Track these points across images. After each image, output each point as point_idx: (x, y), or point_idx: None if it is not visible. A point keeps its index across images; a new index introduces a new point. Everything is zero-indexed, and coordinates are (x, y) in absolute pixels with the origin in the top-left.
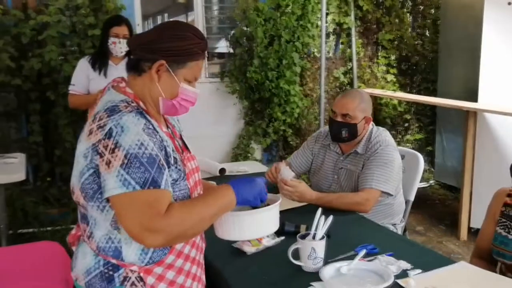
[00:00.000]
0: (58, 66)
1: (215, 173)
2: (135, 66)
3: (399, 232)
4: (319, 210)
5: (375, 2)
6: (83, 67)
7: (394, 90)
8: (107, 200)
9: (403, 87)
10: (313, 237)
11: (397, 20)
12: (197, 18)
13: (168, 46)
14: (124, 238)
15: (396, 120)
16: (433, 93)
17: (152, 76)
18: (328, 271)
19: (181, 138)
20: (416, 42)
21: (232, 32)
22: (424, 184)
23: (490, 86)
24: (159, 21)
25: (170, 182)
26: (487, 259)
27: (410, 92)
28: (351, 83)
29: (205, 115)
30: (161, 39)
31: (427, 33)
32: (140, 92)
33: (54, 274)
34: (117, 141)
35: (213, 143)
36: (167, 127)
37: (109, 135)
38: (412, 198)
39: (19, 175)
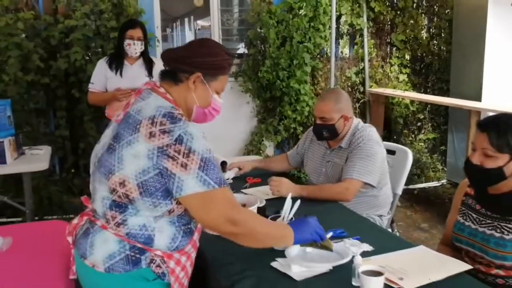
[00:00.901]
0: (83, 66)
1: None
2: (173, 76)
3: (385, 223)
4: (289, 196)
5: (388, 4)
6: (101, 67)
7: (406, 90)
8: (170, 197)
9: (416, 87)
10: (283, 219)
11: (411, 21)
12: (213, 21)
13: (204, 60)
14: (158, 227)
15: (409, 119)
16: (447, 93)
17: (189, 86)
18: (293, 249)
19: None
20: (430, 43)
21: (247, 34)
22: (435, 184)
23: (493, 86)
24: (186, 24)
25: None
26: (452, 246)
27: (425, 92)
28: (363, 83)
29: (221, 114)
30: (198, 54)
31: (442, 34)
32: (178, 100)
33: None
34: (190, 147)
35: (228, 140)
36: None
37: (179, 141)
38: (399, 191)
39: (43, 165)
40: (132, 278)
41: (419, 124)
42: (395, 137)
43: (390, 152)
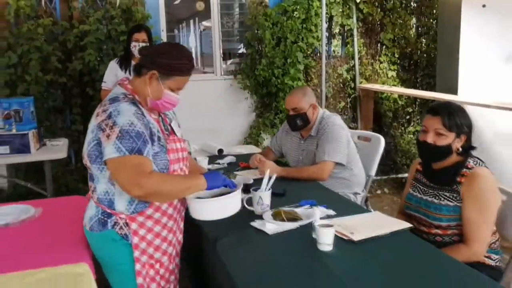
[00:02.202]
0: (96, 67)
1: (214, 153)
2: (138, 70)
3: (359, 200)
4: (267, 172)
5: (376, 5)
6: (112, 67)
7: (394, 85)
8: (105, 162)
9: (405, 83)
10: (263, 191)
11: (399, 21)
12: (214, 23)
13: (162, 61)
14: (117, 192)
15: (398, 113)
16: (434, 88)
17: (146, 81)
18: (269, 213)
19: (170, 125)
20: (418, 41)
21: (245, 35)
22: None
23: (468, 80)
24: (191, 25)
25: (152, 154)
26: (406, 214)
27: (414, 87)
28: (353, 79)
29: (221, 109)
30: (160, 55)
31: (429, 32)
32: (137, 89)
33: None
34: (114, 121)
35: (229, 132)
36: (159, 115)
37: (109, 116)
38: (373, 173)
39: (62, 154)
40: (105, 237)
41: (408, 117)
42: (385, 129)
43: (366, 139)
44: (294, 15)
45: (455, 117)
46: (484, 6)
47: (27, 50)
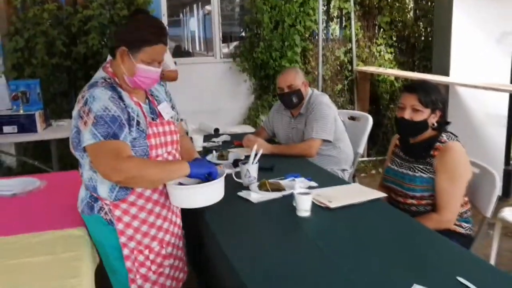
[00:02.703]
0: (99, 50)
1: (210, 132)
2: (111, 52)
3: (346, 176)
4: (255, 147)
5: None
6: None
7: (391, 68)
8: (84, 149)
9: (402, 65)
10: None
11: (397, 4)
12: (213, 8)
13: (127, 35)
14: (99, 179)
15: (395, 95)
16: (431, 71)
17: (117, 59)
18: (255, 184)
19: (156, 107)
20: (415, 24)
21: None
22: None
23: (460, 62)
24: (195, 10)
25: (131, 140)
26: (385, 186)
27: (411, 70)
28: (351, 62)
29: (221, 91)
30: (123, 30)
31: (427, 15)
32: (115, 71)
33: None
34: (90, 107)
35: (228, 113)
36: (146, 97)
37: (85, 103)
38: (361, 151)
39: (67, 133)
40: (94, 221)
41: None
42: (382, 112)
43: (354, 118)
44: None
45: (430, 94)
46: None
47: (33, 34)
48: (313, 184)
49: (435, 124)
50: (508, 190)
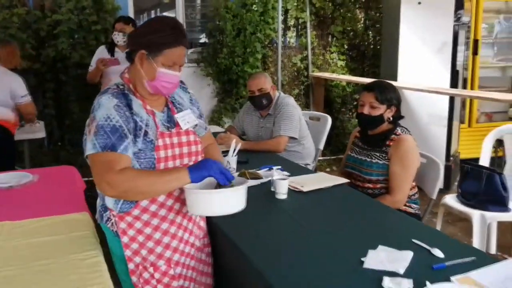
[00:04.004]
0: (68, 54)
1: None
2: (128, 57)
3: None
4: (234, 141)
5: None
6: (101, 50)
7: (343, 74)
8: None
9: (353, 71)
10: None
11: (349, 14)
12: (178, 14)
13: (146, 38)
14: None
15: (346, 99)
16: (379, 77)
17: (136, 64)
18: (235, 174)
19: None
20: (365, 33)
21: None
22: None
23: (406, 68)
24: (152, 15)
25: (136, 152)
26: (345, 172)
27: (362, 75)
28: (306, 68)
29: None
30: (140, 33)
31: (376, 25)
32: (132, 77)
33: (74, 181)
34: (94, 115)
35: None
36: (166, 106)
37: (92, 110)
38: (321, 147)
39: (41, 134)
40: (104, 228)
41: (355, 103)
42: (335, 114)
43: (317, 118)
44: (253, 8)
45: (386, 93)
46: (419, 3)
47: (2, 37)
48: (286, 173)
49: (391, 118)
50: (449, 183)
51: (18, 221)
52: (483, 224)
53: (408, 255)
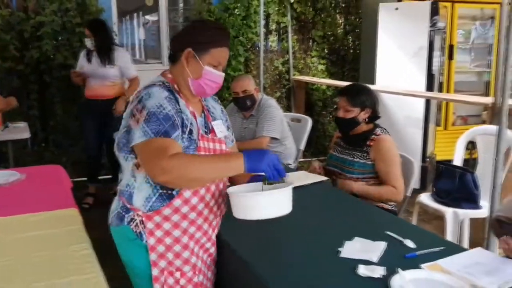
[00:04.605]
0: (52, 56)
1: None
2: (171, 57)
3: None
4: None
5: (309, 4)
6: (82, 55)
7: (323, 77)
8: (132, 150)
9: (333, 75)
10: None
11: (329, 19)
12: (161, 18)
13: (193, 36)
14: (137, 186)
15: (327, 102)
16: (358, 80)
17: (183, 62)
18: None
19: (210, 122)
20: (345, 38)
21: None
22: None
23: (384, 72)
24: (134, 18)
25: (182, 147)
26: (328, 170)
27: (342, 79)
28: (288, 72)
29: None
30: (187, 33)
31: (355, 30)
32: (176, 77)
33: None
34: (144, 104)
35: None
36: (202, 111)
37: (139, 100)
38: (302, 147)
39: (26, 134)
40: (121, 234)
41: (335, 106)
42: (315, 117)
43: (298, 120)
44: (235, 12)
45: (358, 96)
46: (396, 9)
47: None
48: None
49: (367, 120)
50: (425, 184)
51: (6, 217)
52: (456, 220)
53: (381, 245)
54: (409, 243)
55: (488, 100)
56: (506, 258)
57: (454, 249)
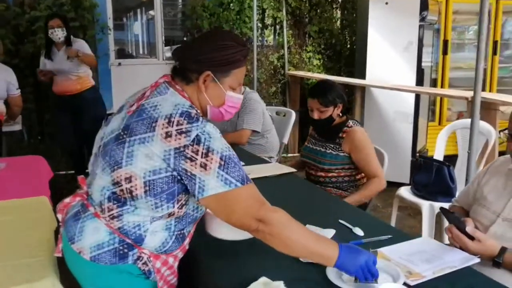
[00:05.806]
0: None
1: None
2: (183, 75)
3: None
4: None
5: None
6: (43, 60)
7: (319, 73)
8: (178, 199)
9: (329, 71)
10: None
11: (325, 15)
12: (156, 13)
13: (211, 56)
14: (152, 230)
15: None
16: (354, 76)
17: (200, 87)
18: None
19: None
20: (341, 33)
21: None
22: None
23: (374, 67)
24: (138, 14)
25: None
26: (302, 161)
27: (338, 74)
28: (283, 66)
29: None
30: (205, 51)
31: (351, 25)
32: (193, 100)
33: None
34: (208, 146)
35: None
36: None
37: (197, 141)
38: (285, 141)
39: (18, 126)
40: (117, 271)
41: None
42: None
43: (282, 114)
44: (230, 7)
45: (328, 95)
46: (387, 3)
47: None
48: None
49: (340, 114)
50: None
51: None
52: (432, 213)
53: (330, 232)
54: (358, 231)
55: (470, 94)
56: (450, 246)
57: (400, 237)
